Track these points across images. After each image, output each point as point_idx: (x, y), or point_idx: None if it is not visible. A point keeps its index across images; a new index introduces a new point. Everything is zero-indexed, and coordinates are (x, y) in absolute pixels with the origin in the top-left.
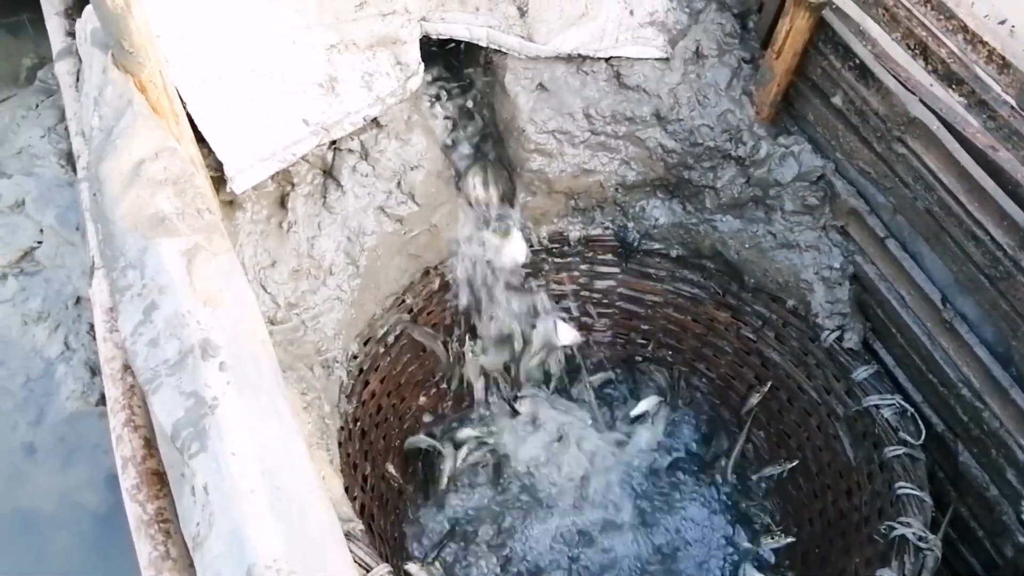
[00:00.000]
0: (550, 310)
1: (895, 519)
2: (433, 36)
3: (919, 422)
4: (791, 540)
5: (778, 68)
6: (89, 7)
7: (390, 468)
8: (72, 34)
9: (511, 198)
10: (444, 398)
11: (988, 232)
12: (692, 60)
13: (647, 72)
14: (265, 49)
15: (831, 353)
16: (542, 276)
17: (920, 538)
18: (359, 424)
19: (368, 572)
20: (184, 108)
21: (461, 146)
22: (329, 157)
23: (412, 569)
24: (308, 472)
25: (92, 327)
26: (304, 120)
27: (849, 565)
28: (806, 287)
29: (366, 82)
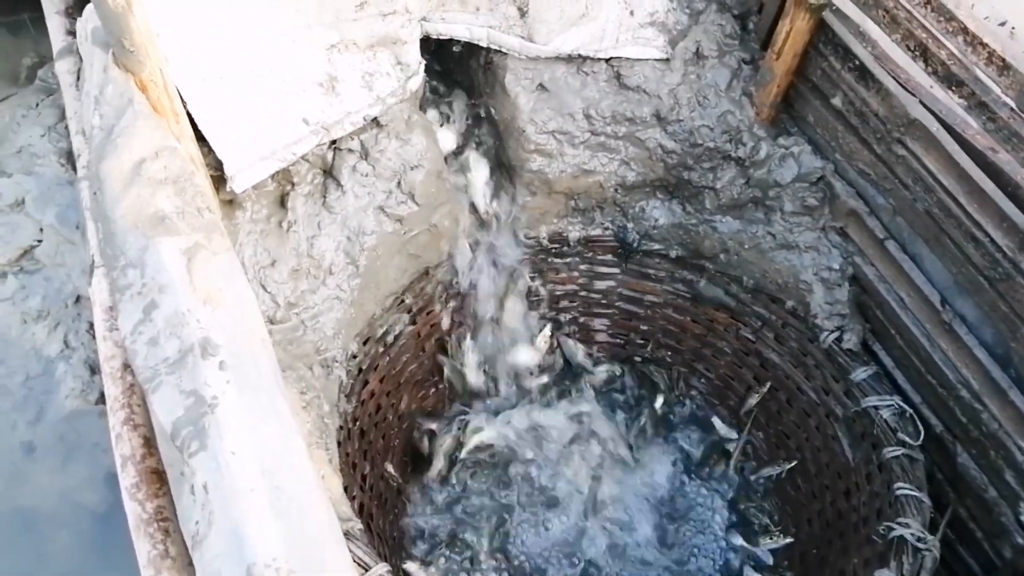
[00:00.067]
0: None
1: (894, 520)
2: (433, 36)
3: (918, 423)
4: (790, 541)
5: (778, 69)
6: (90, 6)
7: (389, 468)
8: (73, 33)
9: (511, 198)
10: (444, 398)
11: (988, 234)
12: (692, 61)
13: (647, 73)
14: (265, 48)
15: (830, 354)
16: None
17: (918, 539)
18: (358, 424)
19: (367, 571)
20: (184, 107)
21: (464, 148)
22: (329, 157)
23: (411, 568)
24: (307, 471)
25: (92, 326)
26: (304, 119)
27: (847, 566)
28: (805, 288)
29: (366, 82)
